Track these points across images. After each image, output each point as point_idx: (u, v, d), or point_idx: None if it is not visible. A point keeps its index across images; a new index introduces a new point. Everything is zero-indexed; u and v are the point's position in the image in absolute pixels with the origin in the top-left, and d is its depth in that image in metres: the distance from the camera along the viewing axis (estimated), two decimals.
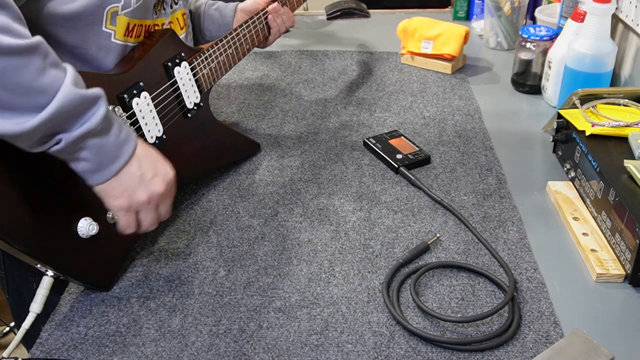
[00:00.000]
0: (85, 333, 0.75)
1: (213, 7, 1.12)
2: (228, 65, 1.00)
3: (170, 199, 0.79)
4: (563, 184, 0.96)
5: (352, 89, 1.35)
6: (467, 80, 1.36)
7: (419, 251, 0.85)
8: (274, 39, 1.12)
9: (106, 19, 0.81)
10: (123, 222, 0.76)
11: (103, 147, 0.70)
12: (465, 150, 1.09)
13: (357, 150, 1.11)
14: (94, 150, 0.69)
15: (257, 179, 1.04)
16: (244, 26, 1.03)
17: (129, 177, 0.73)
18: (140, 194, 0.74)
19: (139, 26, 0.87)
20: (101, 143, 0.70)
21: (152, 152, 0.77)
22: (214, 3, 1.13)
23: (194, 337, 0.74)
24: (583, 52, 1.07)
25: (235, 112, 1.27)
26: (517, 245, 0.86)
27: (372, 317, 0.76)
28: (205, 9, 1.11)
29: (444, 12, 1.80)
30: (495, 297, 0.78)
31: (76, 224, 0.76)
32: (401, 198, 0.97)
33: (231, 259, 0.86)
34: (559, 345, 0.68)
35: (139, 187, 0.74)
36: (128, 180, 0.73)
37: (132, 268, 0.85)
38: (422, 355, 0.70)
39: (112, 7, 0.80)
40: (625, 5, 1.16)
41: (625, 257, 0.78)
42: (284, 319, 0.76)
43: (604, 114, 0.97)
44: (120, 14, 0.82)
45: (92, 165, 0.71)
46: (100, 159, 0.71)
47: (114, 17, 0.82)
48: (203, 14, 1.11)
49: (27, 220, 0.70)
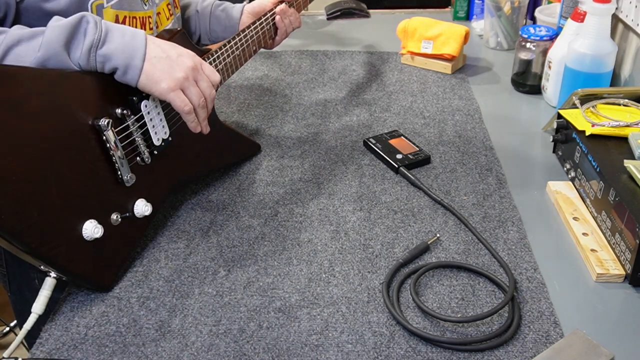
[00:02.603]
0: (85, 333, 0.75)
1: (220, 7, 1.13)
2: (235, 66, 1.00)
3: (204, 74, 0.83)
4: (563, 184, 0.96)
5: (352, 89, 1.35)
6: (467, 80, 1.36)
7: (419, 251, 0.85)
8: (281, 40, 1.12)
9: (91, 12, 0.81)
10: (178, 102, 0.80)
11: (115, 50, 0.76)
12: (465, 150, 1.09)
13: (357, 150, 1.11)
14: (109, 57, 0.76)
15: (257, 179, 1.04)
16: (252, 28, 1.02)
17: (157, 61, 0.78)
18: (176, 71, 0.79)
19: (132, 18, 0.87)
20: (110, 49, 0.75)
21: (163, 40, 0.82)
22: (221, 3, 1.13)
23: (194, 337, 0.74)
24: (583, 52, 1.07)
25: (235, 112, 1.27)
26: (517, 245, 0.86)
27: (372, 317, 0.76)
28: (212, 10, 1.12)
29: (444, 12, 1.80)
30: (495, 297, 0.78)
31: (82, 226, 0.76)
32: (401, 198, 0.97)
33: (231, 259, 0.86)
34: (559, 345, 0.68)
35: (172, 66, 0.79)
36: (159, 64, 0.78)
37: (132, 268, 0.85)
38: (422, 355, 0.70)
39: (96, 1, 0.81)
40: (625, 5, 1.16)
41: (625, 257, 0.78)
42: (284, 319, 0.76)
43: (604, 114, 0.97)
44: (106, 7, 0.82)
45: (120, 67, 0.77)
46: (120, 59, 0.76)
47: (100, 10, 0.82)
48: (210, 14, 1.12)
49: (33, 221, 0.70)
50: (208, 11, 1.12)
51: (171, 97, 0.79)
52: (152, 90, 0.79)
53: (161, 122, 0.87)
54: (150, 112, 0.85)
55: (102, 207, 0.79)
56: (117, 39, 0.76)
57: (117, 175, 0.81)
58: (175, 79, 0.79)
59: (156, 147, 0.87)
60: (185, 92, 0.81)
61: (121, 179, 0.81)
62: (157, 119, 0.86)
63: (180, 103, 0.80)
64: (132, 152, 0.83)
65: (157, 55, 0.78)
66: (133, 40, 0.77)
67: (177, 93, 0.79)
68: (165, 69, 0.78)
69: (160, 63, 0.78)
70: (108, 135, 0.78)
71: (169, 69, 0.79)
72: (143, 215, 0.85)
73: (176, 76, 0.79)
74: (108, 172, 0.80)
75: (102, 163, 0.79)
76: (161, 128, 0.87)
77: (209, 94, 0.83)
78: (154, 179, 0.88)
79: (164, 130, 0.88)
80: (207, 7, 1.12)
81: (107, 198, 0.80)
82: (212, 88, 0.84)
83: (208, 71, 0.84)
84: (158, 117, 0.86)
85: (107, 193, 0.80)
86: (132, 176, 0.82)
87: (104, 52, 0.75)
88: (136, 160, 0.84)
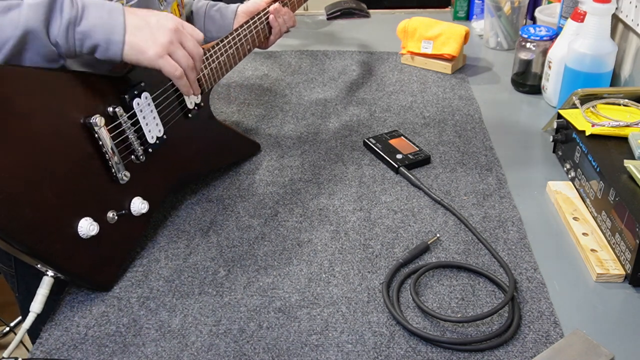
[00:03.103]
0: (85, 333, 0.75)
1: (214, 8, 1.12)
2: (229, 65, 1.01)
3: (186, 33, 0.81)
4: (563, 184, 0.96)
5: (352, 89, 1.35)
6: (467, 80, 1.36)
7: (419, 251, 0.85)
8: (275, 39, 1.12)
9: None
10: (168, 67, 0.78)
11: (93, 27, 0.74)
12: (465, 150, 1.09)
13: (357, 150, 1.11)
14: (89, 34, 0.74)
15: (257, 179, 1.04)
16: (245, 26, 1.03)
17: (138, 30, 0.76)
18: (159, 36, 0.77)
19: None
20: (88, 25, 0.73)
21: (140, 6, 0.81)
22: (215, 4, 1.13)
23: (194, 337, 0.74)
24: (583, 52, 1.07)
25: (235, 112, 1.27)
26: (517, 245, 0.86)
27: (372, 317, 0.76)
28: (207, 10, 1.12)
29: (444, 12, 1.80)
30: (495, 297, 0.78)
31: (77, 224, 0.76)
32: (401, 198, 0.97)
33: (231, 259, 0.86)
34: (559, 345, 0.68)
35: (154, 33, 0.77)
36: (140, 33, 0.76)
37: (132, 268, 0.85)
38: (422, 355, 0.70)
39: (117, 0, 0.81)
40: (625, 5, 1.16)
41: (625, 257, 0.78)
42: (284, 319, 0.76)
43: (604, 114, 0.97)
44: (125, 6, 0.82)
45: (101, 44, 0.75)
46: (100, 36, 0.74)
47: None
48: (204, 14, 1.11)
49: (27, 220, 0.70)
50: (202, 11, 1.12)
51: (160, 63, 0.78)
52: (139, 61, 0.77)
53: (155, 119, 0.87)
54: (143, 110, 0.85)
55: (97, 205, 0.79)
56: (94, 14, 0.74)
57: (112, 173, 0.81)
58: (160, 44, 0.77)
59: (151, 145, 0.87)
60: (173, 56, 0.79)
61: (116, 177, 0.81)
62: (151, 116, 0.86)
63: (171, 68, 0.78)
64: (125, 149, 0.83)
65: (137, 25, 0.76)
66: (111, 13, 0.75)
67: (165, 59, 0.78)
68: (148, 36, 0.76)
69: (142, 32, 0.76)
70: (100, 133, 0.78)
71: (152, 36, 0.77)
72: (140, 213, 0.85)
73: (161, 41, 0.77)
74: (102, 170, 0.80)
75: (96, 161, 0.79)
76: (155, 126, 0.87)
77: (196, 53, 0.82)
78: (150, 177, 0.88)
79: (158, 128, 0.88)
80: (201, 7, 1.12)
81: (102, 196, 0.80)
82: (198, 46, 0.83)
83: (190, 29, 0.83)
84: (151, 114, 0.86)
85: (102, 191, 0.80)
86: (126, 174, 0.82)
87: (82, 29, 0.73)
88: (130, 158, 0.84)
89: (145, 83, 0.85)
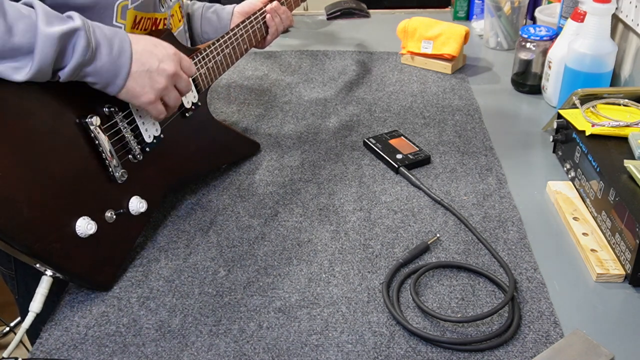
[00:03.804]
0: (85, 333, 0.75)
1: (210, 9, 1.13)
2: (226, 65, 1.01)
3: (182, 75, 0.83)
4: (563, 184, 0.96)
5: (352, 89, 1.35)
6: (467, 80, 1.36)
7: (419, 251, 0.85)
8: (272, 38, 1.12)
9: (117, 13, 0.81)
10: (153, 112, 0.81)
11: (100, 69, 0.74)
12: (465, 150, 1.09)
13: (357, 150, 1.11)
14: (93, 74, 0.74)
15: (257, 179, 1.04)
16: (241, 26, 1.03)
17: (139, 75, 0.77)
18: (156, 82, 0.79)
19: (147, 19, 0.87)
20: (96, 67, 0.73)
21: (148, 42, 0.79)
22: (211, 6, 1.13)
23: (194, 337, 0.74)
24: (583, 52, 1.07)
25: (235, 112, 1.27)
26: (517, 245, 0.86)
27: (372, 317, 0.76)
28: (203, 12, 1.12)
29: (444, 12, 1.80)
30: (495, 297, 0.78)
31: (74, 223, 0.76)
32: (401, 198, 0.97)
33: (231, 259, 0.86)
34: (559, 345, 0.68)
35: (153, 78, 0.79)
36: (140, 78, 0.77)
37: (132, 268, 0.85)
38: (422, 355, 0.70)
39: (122, 1, 0.81)
40: (625, 5, 1.16)
41: (625, 257, 0.78)
42: (284, 319, 0.76)
43: (604, 114, 0.97)
44: (130, 8, 0.82)
45: (101, 83, 0.75)
46: (103, 78, 0.75)
47: (124, 11, 0.82)
48: (201, 16, 1.11)
49: (25, 219, 0.70)
50: (199, 13, 1.12)
51: (149, 108, 0.81)
52: (131, 102, 0.80)
53: (151, 118, 0.87)
54: (140, 109, 0.85)
55: (95, 204, 0.79)
56: (104, 56, 0.74)
57: (109, 173, 0.81)
58: (155, 91, 0.79)
59: (147, 144, 0.87)
60: (164, 98, 0.82)
61: (113, 176, 0.81)
62: (147, 115, 0.86)
63: (156, 113, 0.82)
64: (122, 149, 0.83)
65: (140, 70, 0.77)
66: (119, 56, 0.75)
67: (155, 105, 0.81)
68: (146, 82, 0.78)
69: (142, 78, 0.77)
70: (96, 133, 0.78)
71: (150, 82, 0.78)
72: (138, 212, 0.85)
73: (156, 88, 0.79)
74: (99, 169, 0.80)
75: (92, 160, 0.79)
76: (152, 125, 0.87)
77: (185, 91, 0.85)
78: (148, 176, 0.88)
79: (155, 127, 0.88)
80: (197, 9, 1.12)
81: (100, 195, 0.80)
82: (189, 84, 0.85)
83: (186, 67, 0.84)
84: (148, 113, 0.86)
85: (99, 190, 0.80)
86: (123, 173, 0.82)
87: (89, 70, 0.73)
88: (128, 157, 0.84)
89: None
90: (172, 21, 0.96)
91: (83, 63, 0.72)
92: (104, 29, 0.75)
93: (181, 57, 0.83)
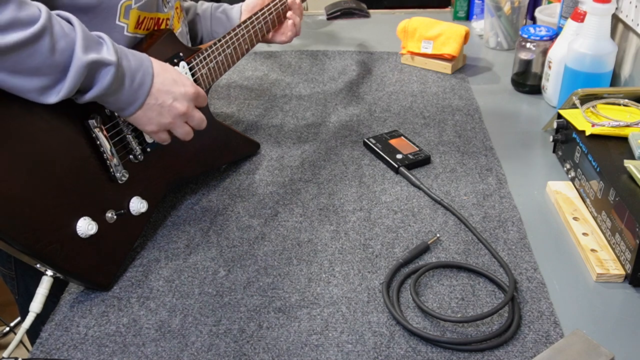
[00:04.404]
0: (85, 333, 0.75)
1: (219, 9, 1.14)
2: (227, 65, 1.01)
3: (196, 112, 0.84)
4: (563, 184, 0.96)
5: (352, 89, 1.35)
6: (467, 80, 1.36)
7: (419, 251, 0.85)
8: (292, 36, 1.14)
9: (120, 12, 0.81)
10: (158, 139, 0.83)
11: (117, 99, 0.75)
12: (465, 150, 1.09)
13: (357, 150, 1.11)
14: (110, 101, 0.75)
15: (257, 179, 1.04)
16: (243, 26, 1.03)
17: (149, 108, 0.78)
18: (164, 118, 0.80)
19: (150, 19, 0.87)
20: (115, 97, 0.75)
21: (168, 76, 0.80)
22: (219, 5, 1.15)
23: (194, 337, 0.74)
24: (583, 52, 1.07)
25: (235, 112, 1.27)
26: (517, 245, 0.86)
27: (372, 317, 0.76)
28: (212, 12, 1.13)
29: (444, 12, 1.80)
30: (495, 297, 0.78)
31: (75, 223, 0.76)
32: (401, 198, 0.97)
33: (231, 259, 0.86)
34: (559, 345, 0.68)
35: (162, 113, 0.80)
36: (150, 112, 0.79)
37: (132, 268, 0.85)
38: (422, 355, 0.70)
39: (126, 1, 0.81)
40: (625, 5, 1.16)
41: (625, 257, 0.78)
42: (284, 319, 0.76)
43: (604, 114, 0.97)
44: (133, 8, 0.82)
45: (113, 108, 0.77)
46: (116, 105, 0.77)
47: (128, 10, 0.82)
48: (210, 17, 1.13)
49: (26, 220, 0.70)
50: (208, 14, 1.13)
51: (153, 136, 0.82)
52: (136, 126, 0.81)
53: None
54: None
55: (96, 204, 0.79)
56: (125, 89, 0.75)
57: (110, 173, 0.81)
58: (160, 125, 0.81)
59: (148, 144, 0.87)
60: (172, 131, 0.83)
61: (114, 177, 0.81)
62: None
63: (160, 141, 0.83)
64: (123, 149, 0.84)
65: (152, 103, 0.78)
66: (138, 90, 0.76)
67: (159, 134, 0.82)
68: (154, 115, 0.79)
69: (151, 110, 0.79)
70: (97, 133, 0.78)
71: (158, 116, 0.79)
72: (139, 212, 0.85)
73: (162, 122, 0.80)
74: (100, 169, 0.80)
75: (93, 160, 0.79)
76: None
77: (197, 127, 0.86)
78: (149, 176, 0.88)
79: None
80: (206, 9, 1.13)
81: (101, 195, 0.80)
82: (203, 120, 0.85)
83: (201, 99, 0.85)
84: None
85: (100, 190, 0.80)
86: (125, 173, 0.82)
87: (106, 99, 0.75)
88: (129, 157, 0.85)
89: None
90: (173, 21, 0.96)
91: (104, 94, 0.73)
92: (131, 60, 0.76)
93: (199, 94, 0.84)
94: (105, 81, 0.72)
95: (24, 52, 0.65)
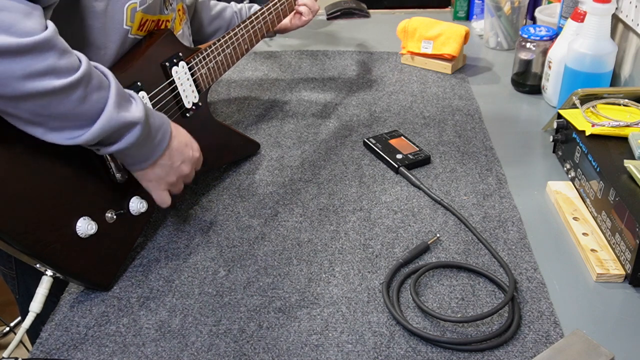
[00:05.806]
0: (85, 333, 0.75)
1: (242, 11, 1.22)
2: (226, 65, 1.01)
3: (192, 174, 0.87)
4: (563, 184, 0.96)
5: (352, 89, 1.35)
6: (467, 80, 1.36)
7: (419, 251, 0.85)
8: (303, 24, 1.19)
9: (126, 16, 0.81)
10: (158, 199, 0.83)
11: (137, 153, 0.76)
12: (465, 150, 1.09)
13: (357, 150, 1.11)
14: (129, 154, 0.76)
15: (257, 179, 1.04)
16: (242, 26, 1.03)
17: (160, 167, 0.80)
18: (171, 177, 0.82)
19: (152, 21, 0.87)
20: (135, 153, 0.76)
21: (182, 140, 0.83)
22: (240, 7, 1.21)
23: (194, 337, 0.74)
24: (583, 52, 1.07)
25: (235, 112, 1.27)
26: (517, 245, 0.86)
27: (372, 317, 0.76)
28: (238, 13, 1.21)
29: (444, 12, 1.80)
30: (495, 297, 0.78)
31: (75, 223, 0.76)
32: (401, 198, 0.97)
33: (231, 259, 0.86)
34: (559, 345, 0.68)
35: (169, 173, 0.82)
36: (159, 170, 0.80)
37: (132, 268, 0.85)
38: (422, 355, 0.70)
39: (131, 4, 0.81)
40: (625, 5, 1.16)
41: (625, 257, 0.78)
42: (284, 319, 0.76)
43: (604, 114, 0.97)
44: (138, 10, 0.83)
45: (126, 161, 0.78)
46: (132, 159, 0.77)
47: (133, 13, 0.82)
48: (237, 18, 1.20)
49: (26, 220, 0.70)
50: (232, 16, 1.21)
51: (153, 194, 0.83)
52: (138, 180, 0.81)
53: None
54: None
55: (95, 204, 0.79)
56: (147, 146, 0.76)
57: (110, 173, 0.81)
58: (165, 183, 0.82)
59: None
60: (169, 189, 0.84)
61: (113, 176, 0.81)
62: None
63: (160, 201, 0.83)
64: None
65: (163, 163, 0.80)
66: (154, 150, 0.78)
67: (160, 193, 0.83)
68: (160, 174, 0.81)
69: (161, 169, 0.80)
70: None
71: (164, 175, 0.81)
72: (139, 212, 0.85)
73: (167, 181, 0.82)
74: (100, 169, 0.80)
75: (93, 160, 0.79)
76: None
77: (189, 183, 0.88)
78: None
79: None
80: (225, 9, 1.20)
81: (101, 195, 0.80)
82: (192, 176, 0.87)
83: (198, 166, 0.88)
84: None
85: (100, 190, 0.80)
86: (124, 173, 0.82)
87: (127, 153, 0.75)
88: None
89: (142, 82, 0.85)
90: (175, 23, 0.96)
91: (125, 151, 0.74)
92: (155, 119, 0.77)
93: (200, 160, 0.87)
94: (129, 140, 0.73)
95: (54, 100, 0.65)
